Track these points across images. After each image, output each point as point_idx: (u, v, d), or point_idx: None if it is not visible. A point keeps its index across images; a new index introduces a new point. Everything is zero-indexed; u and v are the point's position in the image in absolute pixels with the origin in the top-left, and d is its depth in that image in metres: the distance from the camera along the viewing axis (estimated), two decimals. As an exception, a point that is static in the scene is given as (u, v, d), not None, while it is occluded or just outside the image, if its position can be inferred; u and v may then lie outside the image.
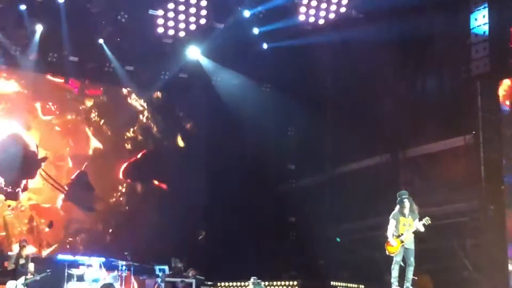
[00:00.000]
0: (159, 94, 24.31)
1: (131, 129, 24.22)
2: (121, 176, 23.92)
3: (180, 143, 24.78)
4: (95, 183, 23.38)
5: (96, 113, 23.70)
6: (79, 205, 23.22)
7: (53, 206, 22.81)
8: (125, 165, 24.03)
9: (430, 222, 14.12)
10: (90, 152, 23.53)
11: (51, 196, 22.82)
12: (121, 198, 23.85)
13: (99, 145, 23.61)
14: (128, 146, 24.18)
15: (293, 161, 25.10)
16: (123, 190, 23.94)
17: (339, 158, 22.95)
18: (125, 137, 24.14)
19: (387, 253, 14.37)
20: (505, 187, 17.89)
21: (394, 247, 14.16)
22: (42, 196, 22.69)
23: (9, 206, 21.92)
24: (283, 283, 20.24)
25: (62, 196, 22.93)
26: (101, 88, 23.81)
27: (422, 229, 14.10)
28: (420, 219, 14.28)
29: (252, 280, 18.58)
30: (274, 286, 20.47)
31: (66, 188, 23.03)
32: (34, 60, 21.60)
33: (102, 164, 23.58)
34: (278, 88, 24.12)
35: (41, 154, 22.70)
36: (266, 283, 20.54)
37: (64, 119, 23.29)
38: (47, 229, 22.30)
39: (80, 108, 23.53)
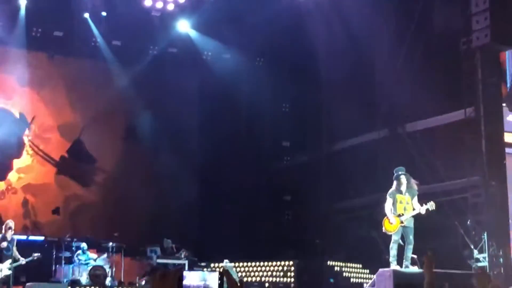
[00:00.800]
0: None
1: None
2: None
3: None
4: (93, 152, 23.20)
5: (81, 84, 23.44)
6: (77, 179, 23.01)
7: (47, 183, 22.59)
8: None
9: (434, 208, 13.93)
10: (79, 119, 23.24)
11: (43, 173, 22.61)
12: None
13: (89, 111, 23.32)
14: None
15: (288, 138, 24.93)
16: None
17: (335, 134, 22.77)
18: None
19: (385, 232, 14.22)
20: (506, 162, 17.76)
21: (392, 226, 13.99)
22: (33, 174, 22.48)
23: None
24: (278, 263, 20.15)
25: (55, 170, 22.72)
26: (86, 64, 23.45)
27: (423, 212, 13.92)
28: (419, 197, 14.12)
29: (224, 263, 18.43)
30: (269, 266, 20.38)
31: (59, 161, 22.80)
32: (18, 35, 21.25)
33: (97, 130, 23.27)
34: (271, 62, 23.86)
35: (25, 129, 22.49)
36: (262, 263, 20.44)
37: (47, 90, 22.98)
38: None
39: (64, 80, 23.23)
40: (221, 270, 17.69)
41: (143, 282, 18.43)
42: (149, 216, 22.48)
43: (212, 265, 19.94)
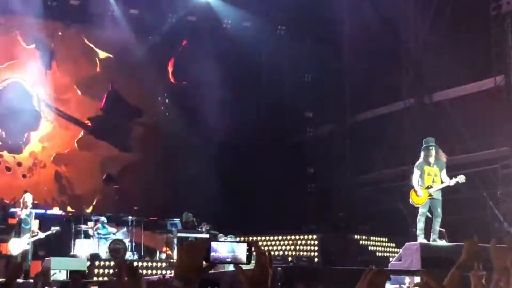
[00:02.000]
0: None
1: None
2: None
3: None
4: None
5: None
6: (112, 141, 22.92)
7: (75, 149, 22.49)
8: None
9: (464, 181, 13.81)
10: (98, 69, 23.12)
11: (69, 138, 22.55)
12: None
13: (108, 55, 23.26)
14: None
15: (310, 108, 24.80)
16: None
17: (359, 104, 22.62)
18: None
19: (412, 204, 14.12)
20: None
21: (420, 198, 13.87)
22: (58, 140, 22.39)
23: (20, 165, 21.77)
24: (301, 237, 20.14)
25: (82, 134, 22.55)
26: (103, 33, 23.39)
27: (452, 184, 13.81)
28: (447, 169, 13.99)
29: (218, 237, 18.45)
30: (292, 240, 20.38)
31: (89, 123, 22.79)
32: (34, 4, 21.24)
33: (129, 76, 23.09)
34: (293, 30, 23.65)
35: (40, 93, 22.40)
36: (284, 237, 20.44)
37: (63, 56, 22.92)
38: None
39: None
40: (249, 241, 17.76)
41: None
42: (170, 189, 22.51)
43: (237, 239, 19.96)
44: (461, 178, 13.79)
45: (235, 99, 23.03)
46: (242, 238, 19.49)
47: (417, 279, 11.44)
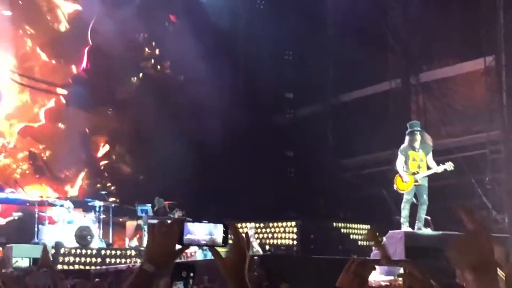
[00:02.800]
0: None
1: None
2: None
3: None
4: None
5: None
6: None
7: (49, 125, 21.94)
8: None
9: (452, 169, 13.88)
10: (63, 27, 22.56)
11: (40, 111, 21.95)
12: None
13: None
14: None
15: (291, 89, 24.79)
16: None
17: (343, 84, 22.63)
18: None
19: (397, 190, 14.18)
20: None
21: (406, 184, 13.93)
22: (27, 115, 21.80)
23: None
24: (280, 224, 20.17)
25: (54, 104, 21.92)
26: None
27: (440, 171, 13.88)
28: (433, 153, 14.06)
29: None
30: (270, 227, 20.41)
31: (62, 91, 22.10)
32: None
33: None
34: (274, 4, 23.56)
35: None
36: (262, 224, 20.46)
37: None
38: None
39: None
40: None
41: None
42: (140, 173, 22.44)
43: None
44: (449, 166, 13.86)
45: (211, 78, 22.92)
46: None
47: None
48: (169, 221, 2.88)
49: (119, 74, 23.05)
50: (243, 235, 2.82)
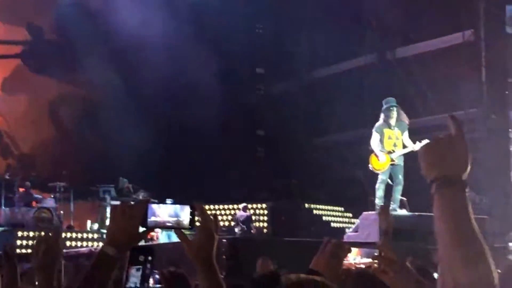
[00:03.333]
0: None
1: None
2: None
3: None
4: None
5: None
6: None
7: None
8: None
9: None
10: None
11: None
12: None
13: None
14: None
15: (262, 64, 24.72)
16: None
17: (317, 60, 22.61)
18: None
19: (372, 170, 14.15)
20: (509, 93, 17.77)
21: (382, 164, 13.90)
22: None
23: None
24: (250, 206, 20.16)
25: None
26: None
27: (417, 149, 13.84)
28: (409, 132, 14.06)
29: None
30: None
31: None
32: None
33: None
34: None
35: None
36: (231, 206, 20.43)
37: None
38: None
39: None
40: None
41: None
42: (103, 154, 22.23)
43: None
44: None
45: (178, 53, 22.75)
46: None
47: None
48: (132, 202, 2.82)
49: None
50: (211, 216, 2.76)
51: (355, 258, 12.41)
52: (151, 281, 2.82)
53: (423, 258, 5.44)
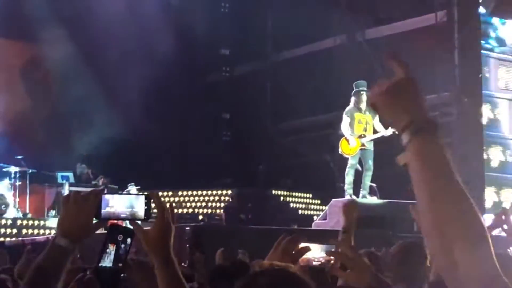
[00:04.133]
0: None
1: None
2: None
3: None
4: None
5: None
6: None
7: None
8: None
9: None
10: None
11: None
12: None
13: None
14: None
15: (227, 44, 24.67)
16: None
17: (283, 40, 22.60)
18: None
19: (342, 154, 14.26)
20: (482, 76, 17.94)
21: (352, 148, 14.02)
22: None
23: None
24: (215, 192, 20.23)
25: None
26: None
27: (388, 135, 13.97)
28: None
29: (129, 187, 18.32)
30: (203, 196, 20.43)
31: None
32: None
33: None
34: None
35: None
36: (194, 192, 20.44)
37: None
38: None
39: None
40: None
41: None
42: (61, 136, 22.07)
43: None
44: (399, 127, 13.95)
45: (137, 31, 22.59)
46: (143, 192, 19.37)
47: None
48: (84, 190, 2.81)
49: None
50: (168, 205, 2.76)
51: (315, 252, 12.47)
52: None
53: (391, 246, 5.52)
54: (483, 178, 17.57)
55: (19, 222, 17.76)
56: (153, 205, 2.82)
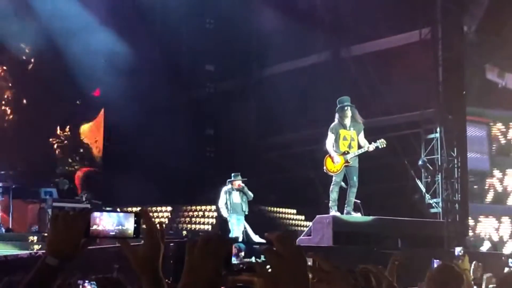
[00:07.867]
0: None
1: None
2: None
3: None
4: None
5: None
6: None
7: None
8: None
9: (385, 146, 14.06)
10: None
11: None
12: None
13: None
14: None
15: (212, 61, 24.68)
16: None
17: (268, 56, 22.63)
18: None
19: (326, 172, 14.28)
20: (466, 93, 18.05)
21: (336, 165, 14.04)
22: None
23: None
24: (198, 207, 20.20)
25: None
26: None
27: (371, 150, 14.05)
28: (365, 132, 14.23)
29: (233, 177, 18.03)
30: (187, 211, 20.41)
31: None
32: None
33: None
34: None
35: None
36: (179, 207, 20.42)
37: None
38: None
39: None
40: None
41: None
42: (43, 152, 22.02)
43: (119, 209, 19.76)
44: (381, 143, 14.03)
45: (124, 47, 22.62)
46: (130, 209, 19.34)
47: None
48: (72, 209, 2.83)
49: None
50: (157, 225, 2.76)
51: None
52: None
53: (377, 262, 5.56)
54: (467, 194, 17.67)
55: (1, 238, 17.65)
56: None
